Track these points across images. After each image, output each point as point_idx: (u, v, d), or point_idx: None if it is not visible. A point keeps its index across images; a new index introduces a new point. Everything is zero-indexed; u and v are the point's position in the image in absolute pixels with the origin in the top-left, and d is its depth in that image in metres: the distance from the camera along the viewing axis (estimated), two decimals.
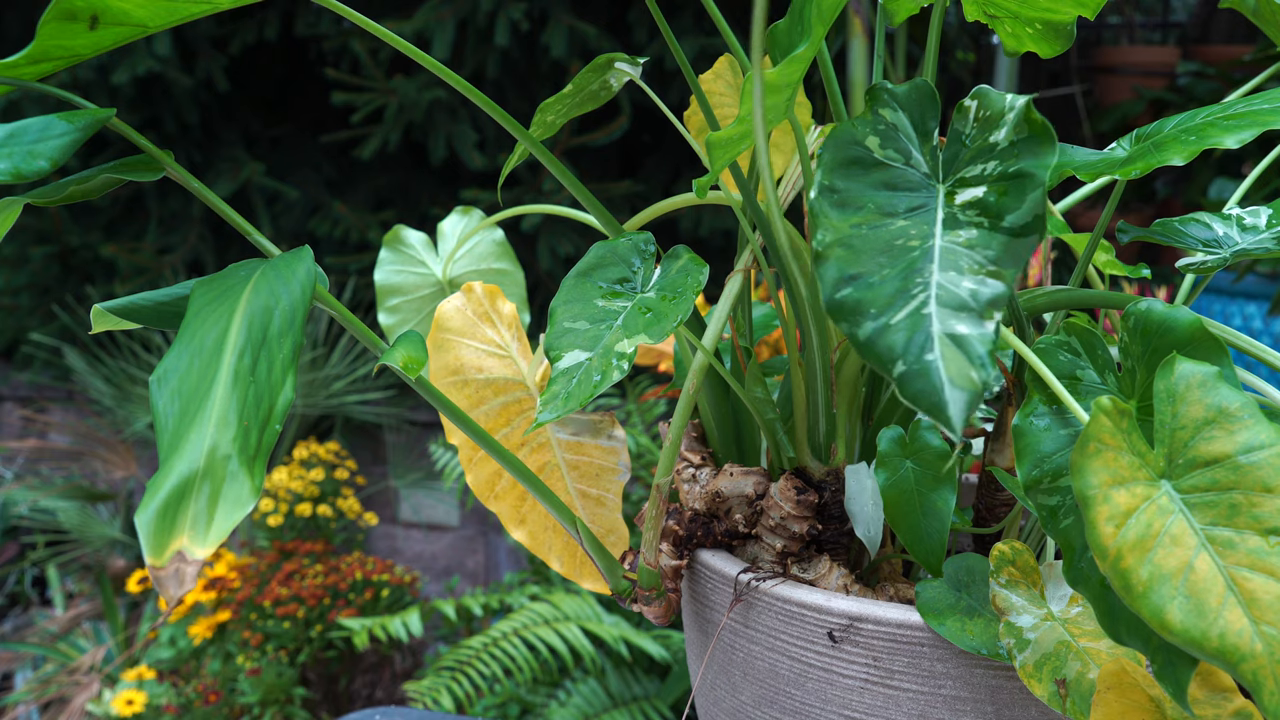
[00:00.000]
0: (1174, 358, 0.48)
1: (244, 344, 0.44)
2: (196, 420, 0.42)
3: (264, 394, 0.43)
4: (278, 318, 0.45)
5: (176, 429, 0.42)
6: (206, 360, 0.44)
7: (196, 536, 0.39)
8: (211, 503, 0.40)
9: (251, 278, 0.48)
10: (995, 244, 0.45)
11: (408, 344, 0.55)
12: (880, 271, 0.45)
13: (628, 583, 0.64)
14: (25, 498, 2.62)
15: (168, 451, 0.41)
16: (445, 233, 0.80)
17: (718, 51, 1.88)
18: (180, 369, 0.44)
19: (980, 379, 0.41)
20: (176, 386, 0.43)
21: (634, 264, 0.60)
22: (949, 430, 0.41)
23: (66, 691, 2.07)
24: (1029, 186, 0.47)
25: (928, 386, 0.41)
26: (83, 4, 0.50)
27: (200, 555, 0.39)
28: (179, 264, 2.61)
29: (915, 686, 0.55)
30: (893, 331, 0.43)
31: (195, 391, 0.43)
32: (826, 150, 0.49)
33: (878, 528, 0.61)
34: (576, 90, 0.69)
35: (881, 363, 0.43)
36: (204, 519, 0.39)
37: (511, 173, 2.51)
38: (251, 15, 2.54)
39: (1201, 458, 0.45)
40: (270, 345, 0.44)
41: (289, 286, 0.47)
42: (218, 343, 0.44)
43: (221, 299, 0.47)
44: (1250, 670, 0.42)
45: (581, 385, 0.54)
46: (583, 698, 1.76)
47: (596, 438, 0.69)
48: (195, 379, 0.43)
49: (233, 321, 0.45)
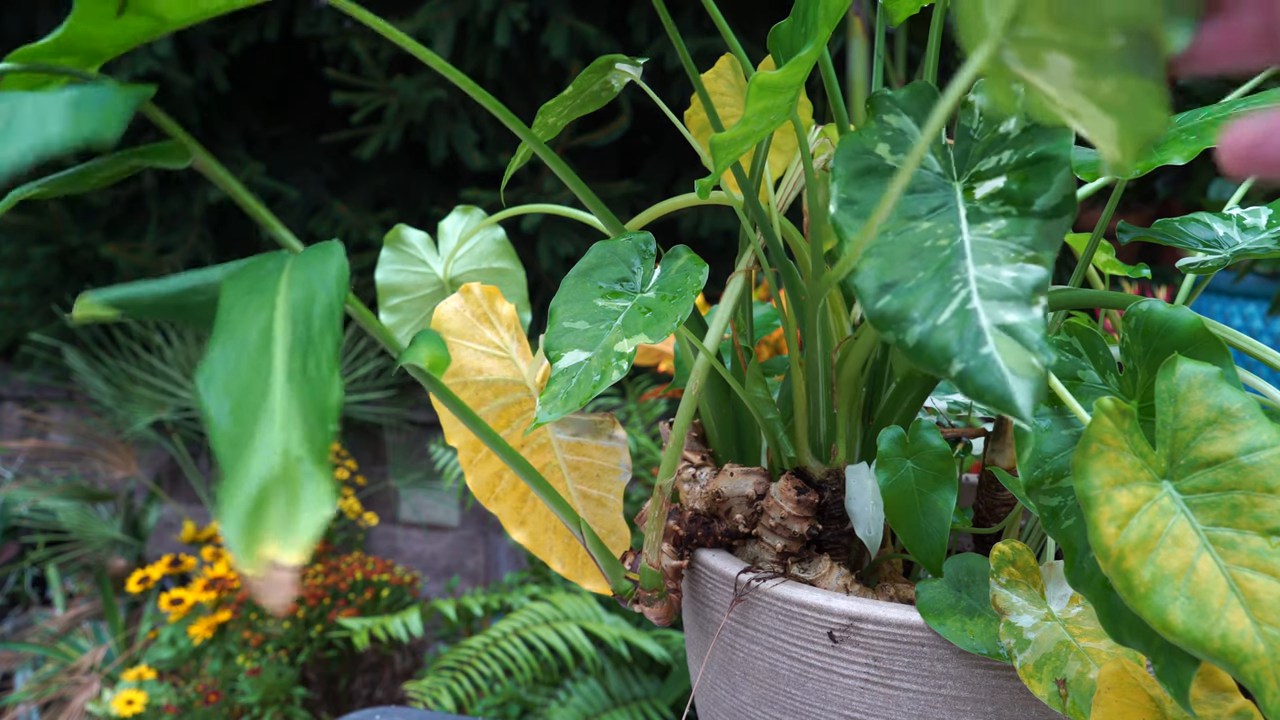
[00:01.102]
0: (1175, 358, 0.48)
1: (292, 341, 0.43)
2: (259, 420, 0.41)
3: (317, 392, 0.42)
4: (318, 313, 0.45)
5: (234, 429, 0.41)
6: (254, 357, 0.43)
7: (285, 542, 0.38)
8: (292, 506, 0.39)
9: (282, 271, 0.47)
10: (1030, 229, 0.45)
11: (429, 343, 0.55)
12: (915, 275, 0.44)
13: (629, 583, 0.64)
14: (25, 498, 2.62)
15: (232, 455, 0.40)
16: (446, 232, 0.80)
17: (717, 51, 1.88)
18: (227, 366, 0.43)
19: (1042, 364, 0.41)
20: (225, 383, 0.42)
21: (634, 264, 0.60)
22: (1020, 420, 0.40)
23: (66, 691, 2.07)
24: (1054, 168, 0.47)
25: (991, 381, 0.41)
26: None
27: (292, 560, 0.37)
28: (179, 263, 2.61)
29: (915, 686, 0.55)
30: (942, 331, 0.42)
31: (248, 389, 0.42)
32: (838, 164, 0.49)
33: (878, 528, 0.61)
34: (578, 91, 0.69)
35: (936, 364, 0.42)
36: (289, 523, 0.38)
37: (512, 173, 2.51)
38: (251, 15, 2.54)
39: (1203, 458, 0.45)
40: (315, 342, 0.44)
41: (325, 281, 0.46)
42: (262, 339, 0.44)
43: (254, 293, 0.46)
44: (1253, 671, 0.42)
45: (581, 385, 0.53)
46: (583, 698, 1.76)
47: (597, 438, 0.69)
48: (245, 376, 0.42)
49: (275, 317, 0.44)
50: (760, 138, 0.53)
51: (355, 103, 2.44)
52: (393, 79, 2.41)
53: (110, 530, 2.55)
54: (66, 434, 2.81)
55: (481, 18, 2.31)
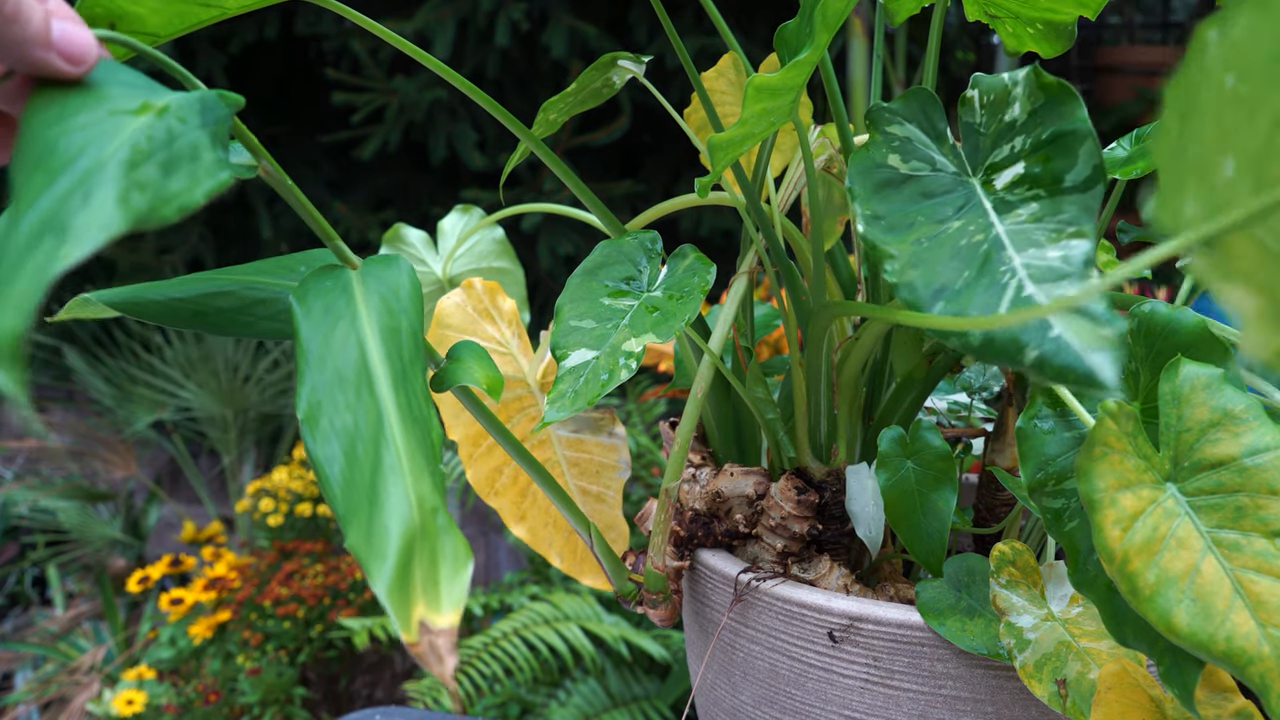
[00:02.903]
0: (1178, 360, 0.48)
1: (393, 377, 0.40)
2: (379, 466, 0.38)
3: (423, 431, 0.39)
4: (406, 342, 0.42)
5: (352, 475, 0.38)
6: (353, 393, 0.40)
7: (431, 604, 0.35)
8: (432, 564, 0.36)
9: (350, 290, 0.44)
10: (1067, 206, 0.45)
11: (478, 361, 0.50)
12: (961, 275, 0.44)
13: (633, 585, 0.64)
14: (25, 498, 2.62)
15: (354, 501, 0.37)
16: (445, 231, 0.80)
17: (718, 51, 1.88)
18: (331, 406, 0.39)
19: (1114, 333, 0.40)
20: (330, 424, 0.39)
21: (640, 263, 0.60)
22: (1110, 392, 0.39)
23: (66, 691, 2.07)
24: (1075, 141, 0.46)
25: (1069, 360, 0.40)
26: (101, 10, 0.50)
27: (443, 624, 0.35)
28: (179, 263, 2.61)
29: (915, 686, 0.55)
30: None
31: (357, 431, 0.39)
32: (854, 183, 0.49)
33: (878, 528, 0.61)
34: (580, 89, 0.69)
35: (1011, 358, 0.41)
36: (432, 583, 0.35)
37: (512, 172, 2.51)
38: (251, 15, 2.54)
39: (1207, 460, 0.45)
40: (409, 375, 0.41)
41: (402, 303, 0.43)
42: (359, 372, 0.40)
43: (329, 316, 0.42)
44: (1258, 673, 0.41)
45: (589, 384, 0.53)
46: (583, 697, 1.76)
47: (597, 435, 0.69)
48: (350, 415, 0.39)
49: (366, 347, 0.41)
50: (760, 139, 0.53)
51: (355, 103, 2.44)
52: (393, 79, 2.41)
53: (110, 530, 2.55)
54: (66, 434, 2.81)
55: (481, 18, 2.30)
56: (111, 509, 2.68)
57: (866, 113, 0.52)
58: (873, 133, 0.51)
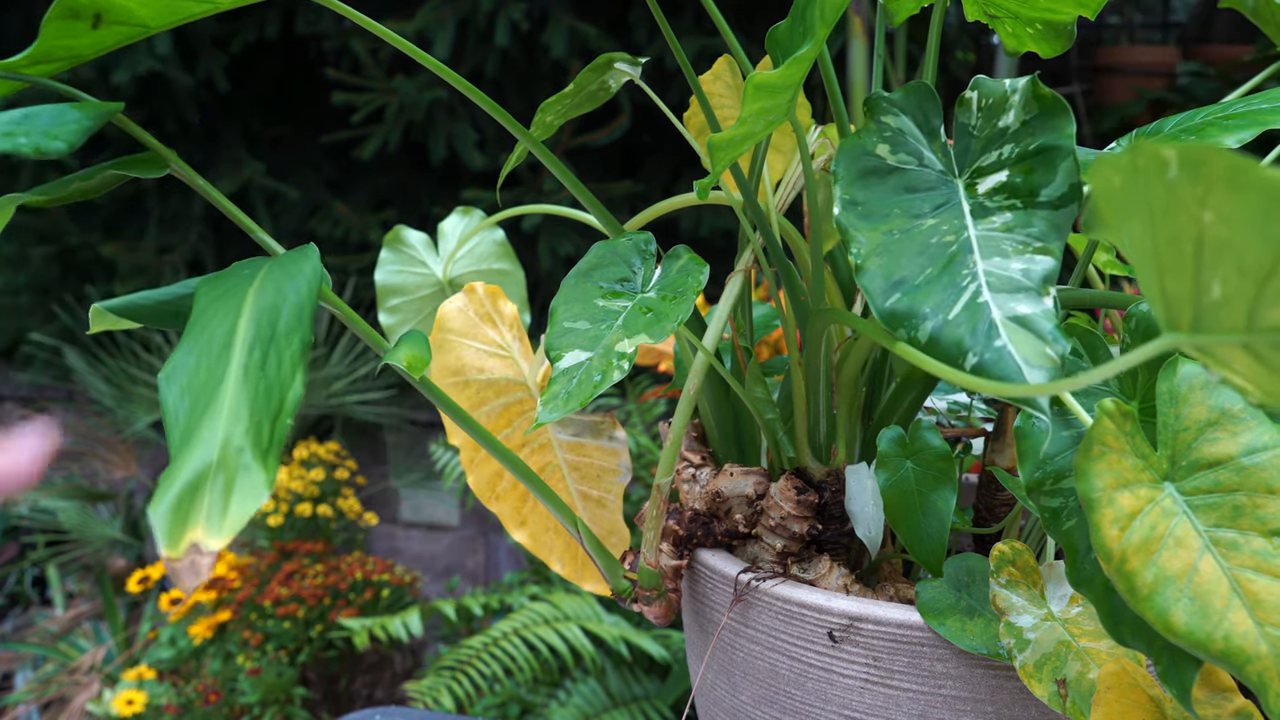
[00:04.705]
0: (1176, 359, 0.48)
1: (253, 340, 0.44)
2: (208, 414, 0.42)
3: (274, 389, 0.42)
4: (286, 314, 0.45)
5: (187, 424, 0.42)
6: (215, 356, 0.44)
7: (211, 528, 0.39)
8: (226, 494, 0.40)
9: (257, 275, 0.48)
10: (1037, 220, 0.45)
11: (411, 343, 0.55)
12: (923, 271, 0.44)
13: (628, 583, 0.64)
14: (25, 498, 2.62)
15: (179, 446, 0.41)
16: (446, 233, 0.80)
17: (717, 52, 1.88)
18: (189, 365, 0.44)
19: (1056, 353, 0.40)
20: (185, 383, 0.43)
21: (634, 264, 0.60)
22: (1038, 412, 0.40)
23: (66, 691, 2.07)
24: (1058, 157, 0.46)
25: (1007, 372, 0.40)
26: (86, 2, 0.50)
27: (215, 546, 0.39)
28: (179, 263, 2.61)
29: (915, 686, 0.55)
30: (954, 326, 0.42)
31: (205, 387, 0.43)
32: (840, 166, 0.49)
33: (878, 528, 0.61)
34: (577, 90, 0.69)
35: (951, 359, 0.42)
36: (218, 510, 0.39)
37: (512, 173, 2.51)
38: (251, 15, 2.54)
39: (1205, 459, 0.45)
40: (279, 341, 0.44)
41: (296, 283, 0.47)
42: (226, 339, 0.44)
43: (227, 296, 0.47)
44: (1255, 672, 0.42)
45: (582, 385, 0.53)
46: (583, 698, 1.76)
47: (597, 439, 0.69)
48: (204, 375, 0.43)
49: (240, 318, 0.45)
50: (758, 138, 0.53)
51: (355, 102, 2.44)
52: (393, 79, 2.41)
53: (110, 530, 2.55)
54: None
55: (481, 18, 2.30)
56: (111, 509, 2.68)
57: (866, 100, 0.52)
58: (867, 120, 0.51)
